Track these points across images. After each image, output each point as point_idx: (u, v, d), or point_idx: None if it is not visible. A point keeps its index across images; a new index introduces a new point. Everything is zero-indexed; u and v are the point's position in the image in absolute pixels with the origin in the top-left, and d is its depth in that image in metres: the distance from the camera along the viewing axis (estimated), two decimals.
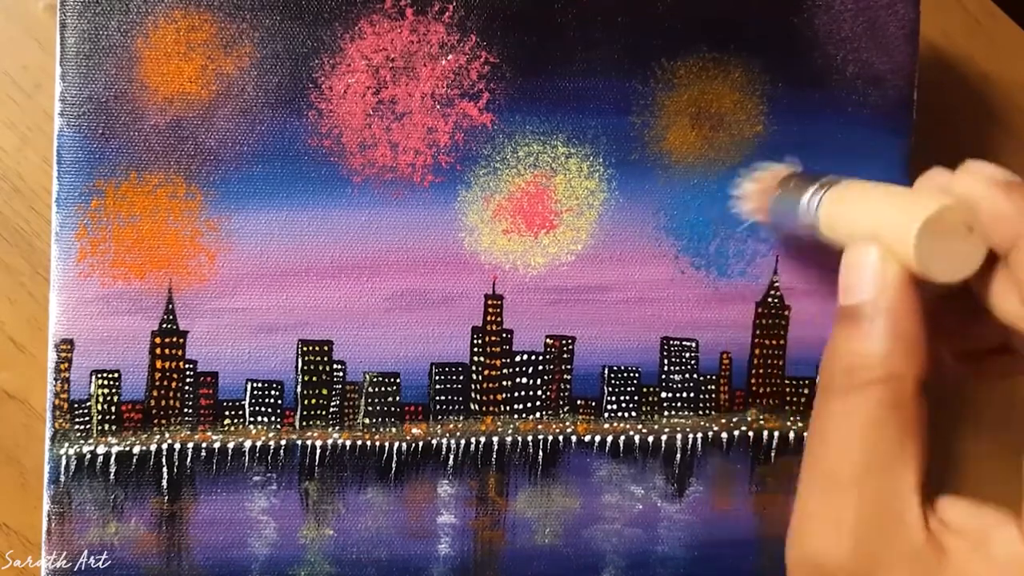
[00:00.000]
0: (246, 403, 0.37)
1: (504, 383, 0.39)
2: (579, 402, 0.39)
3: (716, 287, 0.40)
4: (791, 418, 0.41)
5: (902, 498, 0.23)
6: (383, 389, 0.38)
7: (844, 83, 0.40)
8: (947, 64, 0.45)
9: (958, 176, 0.26)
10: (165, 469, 0.37)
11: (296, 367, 0.37)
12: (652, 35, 0.39)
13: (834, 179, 0.33)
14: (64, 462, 0.36)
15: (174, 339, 0.37)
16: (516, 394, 0.39)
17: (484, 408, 0.39)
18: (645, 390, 0.40)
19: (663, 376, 0.40)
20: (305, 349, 0.37)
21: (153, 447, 0.37)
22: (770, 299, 0.40)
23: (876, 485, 0.24)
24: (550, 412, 0.39)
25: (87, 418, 0.36)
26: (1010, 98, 0.46)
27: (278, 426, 0.38)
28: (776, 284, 0.40)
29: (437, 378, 0.38)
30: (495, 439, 0.39)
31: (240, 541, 0.37)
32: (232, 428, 0.37)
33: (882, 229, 0.26)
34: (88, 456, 0.36)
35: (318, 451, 0.38)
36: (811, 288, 0.40)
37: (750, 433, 0.40)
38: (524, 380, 0.39)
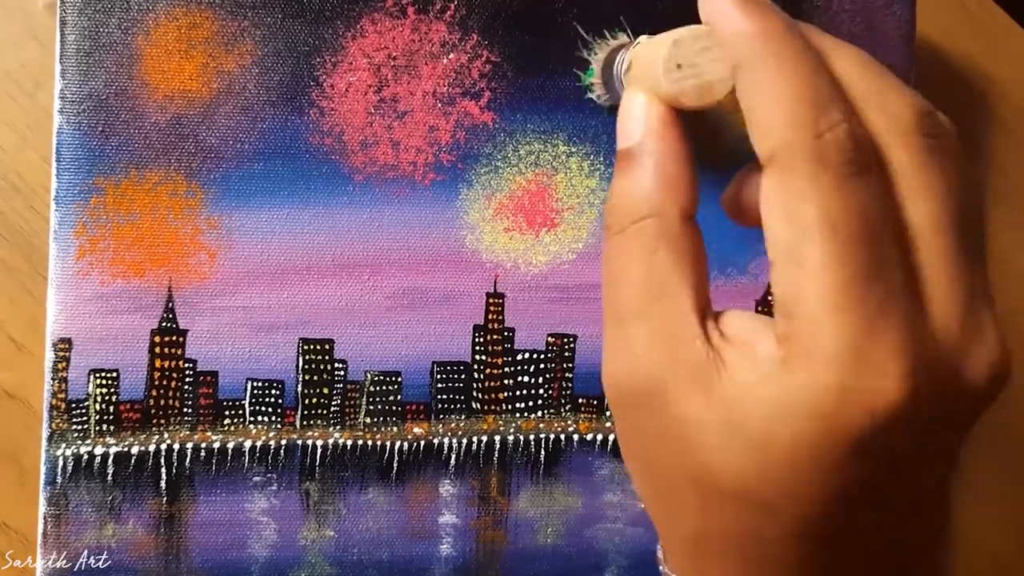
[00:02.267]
0: (246, 403, 0.37)
1: (506, 382, 0.39)
2: (581, 401, 0.39)
3: (716, 286, 0.40)
4: None
5: (681, 319, 0.25)
6: (384, 388, 0.38)
7: None
8: (947, 64, 0.45)
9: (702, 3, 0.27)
10: (164, 469, 0.37)
11: (297, 366, 0.37)
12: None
13: (644, 38, 0.32)
14: (61, 463, 0.36)
15: (174, 338, 0.36)
16: (518, 393, 0.39)
17: (486, 407, 0.38)
18: None
19: None
20: (306, 348, 0.37)
21: (152, 447, 0.37)
22: (770, 298, 0.40)
23: (657, 309, 0.25)
24: (552, 411, 0.39)
25: (85, 418, 0.36)
26: (1010, 98, 0.46)
27: (278, 426, 0.37)
28: None
29: (439, 377, 0.38)
30: (497, 438, 0.39)
31: (240, 542, 0.37)
32: (232, 428, 0.37)
33: (642, 71, 0.28)
34: (86, 457, 0.36)
35: (319, 451, 0.38)
36: None
37: None
38: (526, 379, 0.39)
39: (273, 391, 0.37)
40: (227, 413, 0.37)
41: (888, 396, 0.22)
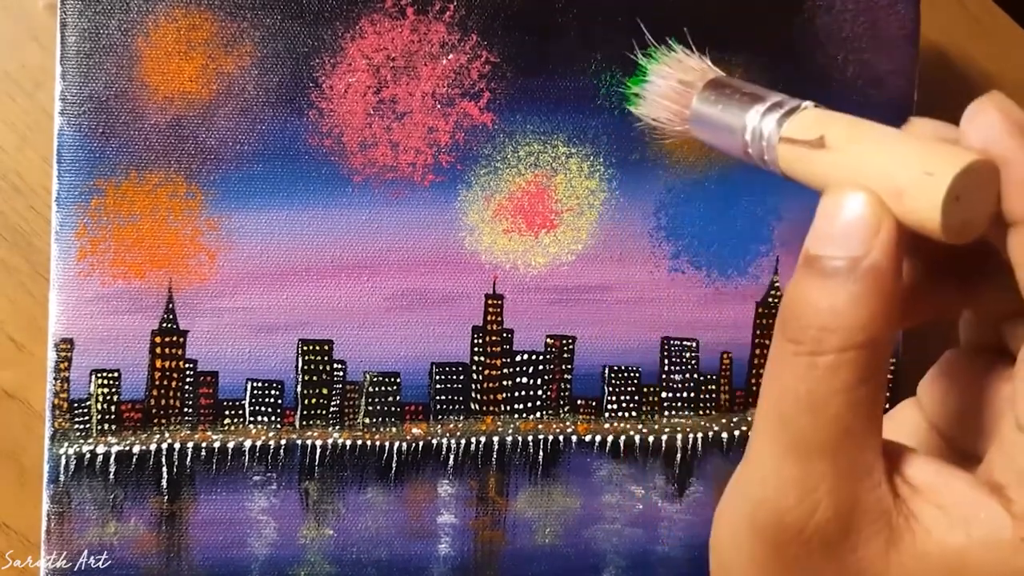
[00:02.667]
0: (246, 403, 0.37)
1: (504, 383, 0.39)
2: (579, 402, 0.39)
3: (716, 287, 0.40)
4: None
5: (872, 461, 0.23)
6: (383, 389, 0.38)
7: (845, 83, 0.40)
8: (947, 64, 0.45)
9: (973, 123, 0.23)
10: (165, 469, 0.37)
11: (296, 367, 0.37)
12: (653, 35, 0.39)
13: (788, 100, 0.27)
14: (64, 462, 0.36)
15: (174, 338, 0.37)
16: (516, 394, 0.39)
17: (484, 408, 0.38)
18: (645, 390, 0.40)
19: (663, 376, 0.40)
20: (305, 348, 0.37)
21: (153, 447, 0.37)
22: (770, 299, 0.40)
23: (848, 451, 0.23)
24: (550, 412, 0.39)
25: (87, 417, 0.36)
26: (1010, 98, 0.46)
27: (278, 426, 0.37)
28: (776, 284, 0.40)
29: (437, 378, 0.38)
30: (495, 439, 0.39)
31: (240, 541, 0.37)
32: (232, 428, 0.37)
33: (879, 183, 0.23)
34: (88, 456, 0.36)
35: (318, 451, 0.38)
36: None
37: (751, 433, 0.40)
38: (524, 380, 0.39)
39: (273, 391, 0.37)
40: (227, 413, 0.37)
41: None
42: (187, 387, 0.37)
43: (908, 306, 0.25)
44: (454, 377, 0.38)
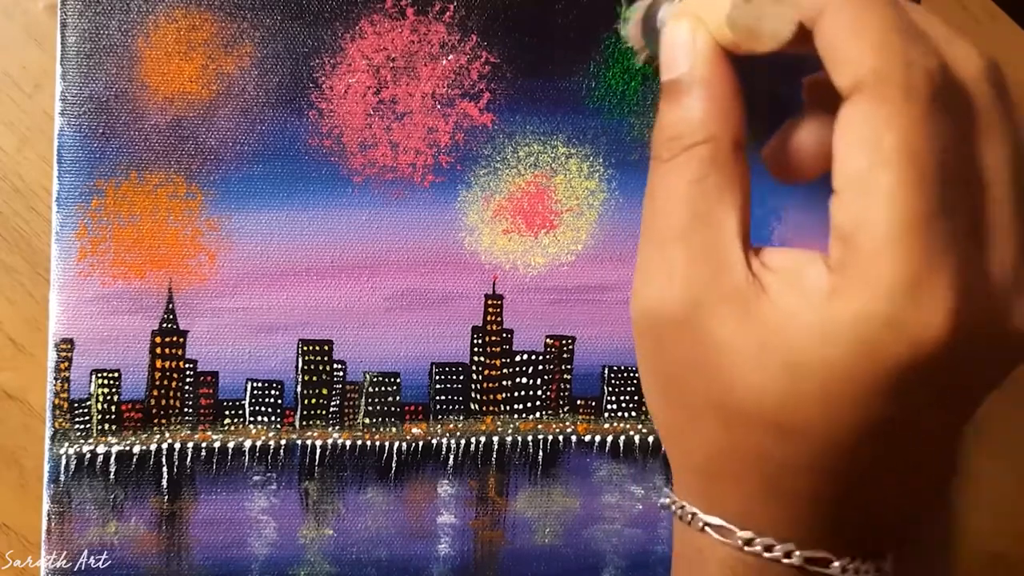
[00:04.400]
0: (246, 403, 0.37)
1: (504, 383, 0.39)
2: (579, 402, 0.39)
3: None
4: None
5: (725, 244, 0.25)
6: (383, 389, 0.38)
7: None
8: None
9: None
10: (165, 469, 0.37)
11: (296, 367, 0.37)
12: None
13: None
14: (64, 461, 0.36)
15: (174, 338, 0.37)
16: (516, 394, 0.39)
17: (484, 408, 0.39)
18: None
19: None
20: (305, 349, 0.37)
21: (153, 446, 0.37)
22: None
23: (701, 234, 0.25)
24: (550, 412, 0.39)
25: (87, 417, 0.36)
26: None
27: (278, 426, 0.38)
28: None
29: (437, 378, 0.38)
30: (495, 439, 0.39)
31: (240, 541, 0.37)
32: (232, 428, 0.37)
33: (700, 6, 0.27)
34: (88, 455, 0.36)
35: (318, 451, 0.38)
36: None
37: None
38: (524, 380, 0.39)
39: (273, 391, 0.37)
40: (227, 413, 0.37)
41: (934, 331, 0.22)
42: (187, 387, 0.37)
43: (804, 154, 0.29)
44: (454, 377, 0.38)
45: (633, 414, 0.39)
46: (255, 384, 0.37)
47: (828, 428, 0.24)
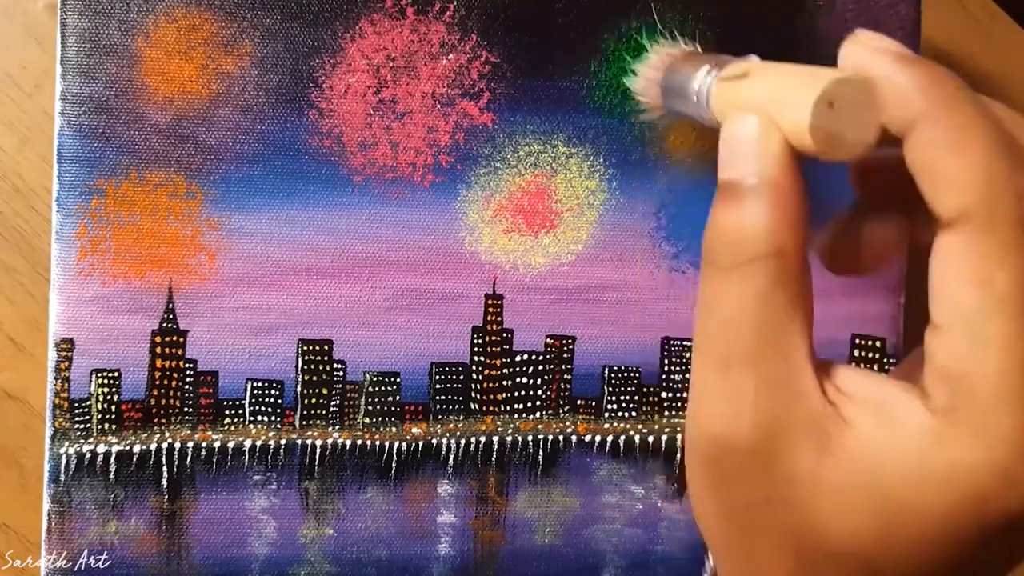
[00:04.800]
0: (246, 402, 0.37)
1: (504, 383, 0.39)
2: (579, 402, 0.39)
3: None
4: None
5: (797, 369, 0.23)
6: (383, 388, 0.38)
7: None
8: (947, 64, 0.45)
9: (849, 46, 0.25)
10: (165, 468, 0.37)
11: (296, 366, 0.37)
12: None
13: (728, 58, 0.30)
14: (64, 461, 0.36)
15: (174, 338, 0.37)
16: (516, 394, 0.39)
17: (484, 408, 0.39)
18: (645, 390, 0.40)
19: (664, 376, 0.40)
20: (305, 348, 0.37)
21: (153, 446, 0.37)
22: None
23: (771, 358, 0.24)
24: (550, 412, 0.39)
25: (87, 417, 0.36)
26: (1010, 98, 0.46)
27: (278, 425, 0.38)
28: None
29: (437, 377, 0.38)
30: (495, 439, 0.39)
31: (240, 540, 0.37)
32: (232, 427, 0.37)
33: (771, 104, 0.25)
34: (88, 455, 0.36)
35: (318, 450, 0.38)
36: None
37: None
38: (524, 380, 0.39)
39: (273, 391, 0.37)
40: (227, 413, 0.37)
41: None
42: (187, 387, 0.37)
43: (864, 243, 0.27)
44: (454, 377, 0.38)
45: (633, 414, 0.39)
46: (255, 384, 0.37)
47: (920, 567, 0.23)
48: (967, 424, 0.22)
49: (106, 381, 0.36)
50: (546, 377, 0.39)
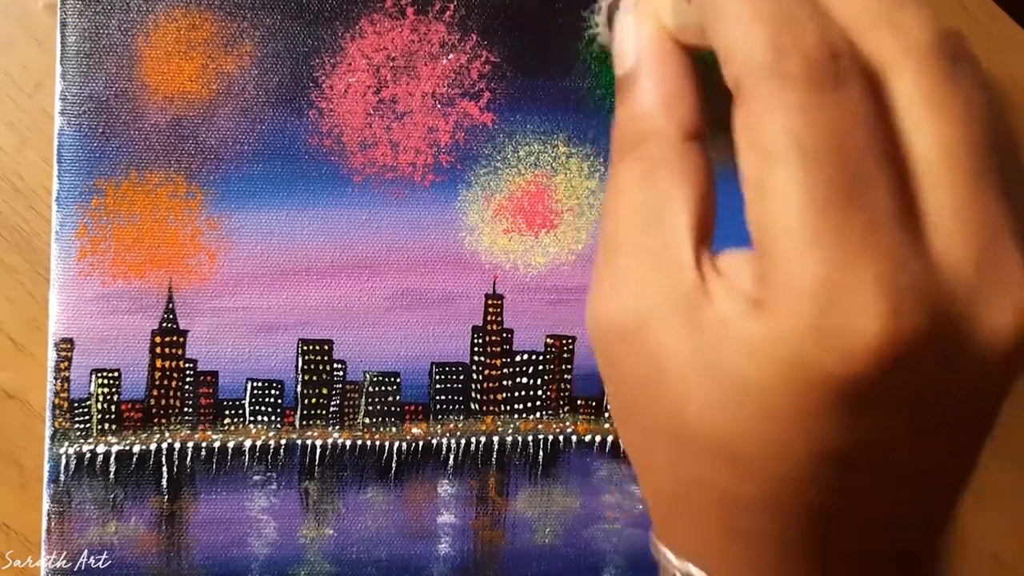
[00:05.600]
0: (246, 402, 0.37)
1: (504, 383, 0.39)
2: (579, 402, 0.39)
3: None
4: None
5: (675, 245, 0.23)
6: (383, 388, 0.38)
7: None
8: None
9: None
10: (165, 468, 0.37)
11: (296, 366, 0.37)
12: None
13: None
14: (64, 461, 0.36)
15: (174, 338, 0.37)
16: (516, 394, 0.39)
17: (484, 408, 0.38)
18: None
19: None
20: (305, 348, 0.37)
21: (153, 446, 0.37)
22: None
23: (650, 237, 0.23)
24: (550, 412, 0.39)
25: (87, 417, 0.36)
26: (1010, 98, 0.46)
27: (278, 425, 0.38)
28: None
29: (437, 377, 0.38)
30: (495, 439, 0.39)
31: (240, 540, 0.37)
32: (232, 427, 0.37)
33: (650, 4, 0.26)
34: (88, 455, 0.36)
35: (318, 451, 0.38)
36: None
37: None
38: (524, 380, 0.39)
39: (273, 391, 0.37)
40: (227, 413, 0.37)
41: (869, 339, 0.19)
42: (187, 387, 0.37)
43: None
44: (454, 377, 0.38)
45: None
46: (255, 384, 0.37)
47: (779, 457, 0.21)
48: (772, 288, 0.21)
49: (106, 381, 0.36)
50: (546, 377, 0.39)
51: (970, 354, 0.21)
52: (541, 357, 0.39)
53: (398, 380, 0.38)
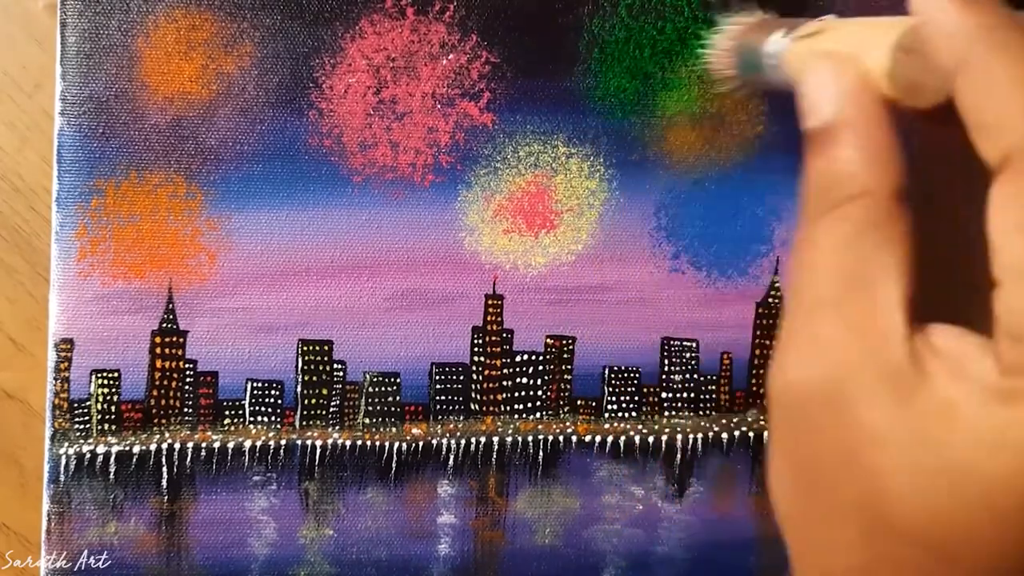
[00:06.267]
0: (246, 403, 0.37)
1: (504, 383, 0.39)
2: (579, 402, 0.39)
3: (716, 287, 0.40)
4: None
5: (884, 314, 0.22)
6: (383, 389, 0.38)
7: None
8: None
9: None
10: (165, 469, 0.37)
11: (296, 367, 0.37)
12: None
13: (801, 21, 0.30)
14: (64, 461, 0.36)
15: (174, 338, 0.37)
16: (516, 394, 0.39)
17: (484, 408, 0.38)
18: (645, 390, 0.40)
19: (663, 376, 0.40)
20: (305, 349, 0.37)
21: (153, 447, 0.37)
22: (770, 299, 0.40)
23: (856, 302, 0.22)
24: (550, 412, 0.39)
25: (87, 417, 0.36)
26: None
27: (278, 426, 0.38)
28: (776, 284, 0.40)
29: (437, 378, 0.38)
30: (495, 439, 0.39)
31: (240, 541, 0.37)
32: (232, 428, 0.37)
33: (845, 46, 0.25)
34: (88, 456, 0.36)
35: (318, 451, 0.38)
36: None
37: (751, 433, 0.40)
38: (524, 380, 0.39)
39: (273, 391, 0.37)
40: (227, 413, 0.37)
41: None
42: (187, 387, 0.37)
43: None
44: (454, 377, 0.38)
45: (633, 414, 0.39)
46: (255, 384, 0.37)
47: (994, 549, 0.20)
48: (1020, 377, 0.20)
49: (106, 381, 0.36)
50: (546, 377, 0.39)
51: None
52: (541, 357, 0.39)
53: (398, 380, 0.38)
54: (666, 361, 0.40)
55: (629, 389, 0.39)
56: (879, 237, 0.22)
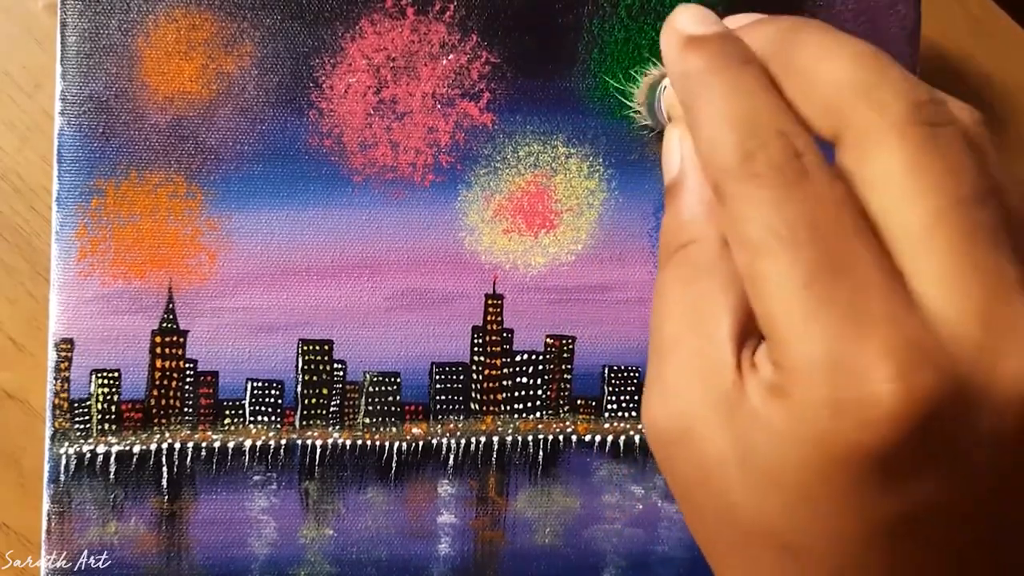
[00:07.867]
0: (246, 403, 0.37)
1: (504, 383, 0.39)
2: (579, 402, 0.39)
3: None
4: None
5: (716, 348, 0.23)
6: (383, 388, 0.38)
7: None
8: (947, 64, 0.45)
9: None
10: (165, 468, 0.37)
11: (296, 366, 0.37)
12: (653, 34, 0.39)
13: None
14: (64, 461, 0.36)
15: (174, 338, 0.37)
16: (516, 394, 0.39)
17: (484, 408, 0.38)
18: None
19: None
20: (305, 348, 0.37)
21: (153, 446, 0.37)
22: None
23: (692, 342, 0.24)
24: (550, 412, 0.39)
25: (87, 417, 0.36)
26: (1010, 98, 0.46)
27: (278, 426, 0.38)
28: None
29: (437, 378, 0.38)
30: (495, 439, 0.39)
31: (240, 541, 0.37)
32: (232, 428, 0.37)
33: (672, 106, 0.28)
34: (88, 455, 0.36)
35: (318, 451, 0.38)
36: None
37: None
38: (524, 380, 0.39)
39: (273, 391, 0.37)
40: (227, 413, 0.37)
41: (880, 402, 0.20)
42: (187, 387, 0.37)
43: None
44: (454, 377, 0.38)
45: (633, 414, 0.39)
46: (255, 384, 0.37)
47: (833, 541, 0.21)
48: (786, 369, 0.21)
49: (106, 381, 0.36)
50: (546, 377, 0.39)
51: (994, 405, 0.20)
52: (541, 357, 0.39)
53: (398, 380, 0.38)
54: None
55: (629, 389, 0.39)
56: (711, 279, 0.24)
